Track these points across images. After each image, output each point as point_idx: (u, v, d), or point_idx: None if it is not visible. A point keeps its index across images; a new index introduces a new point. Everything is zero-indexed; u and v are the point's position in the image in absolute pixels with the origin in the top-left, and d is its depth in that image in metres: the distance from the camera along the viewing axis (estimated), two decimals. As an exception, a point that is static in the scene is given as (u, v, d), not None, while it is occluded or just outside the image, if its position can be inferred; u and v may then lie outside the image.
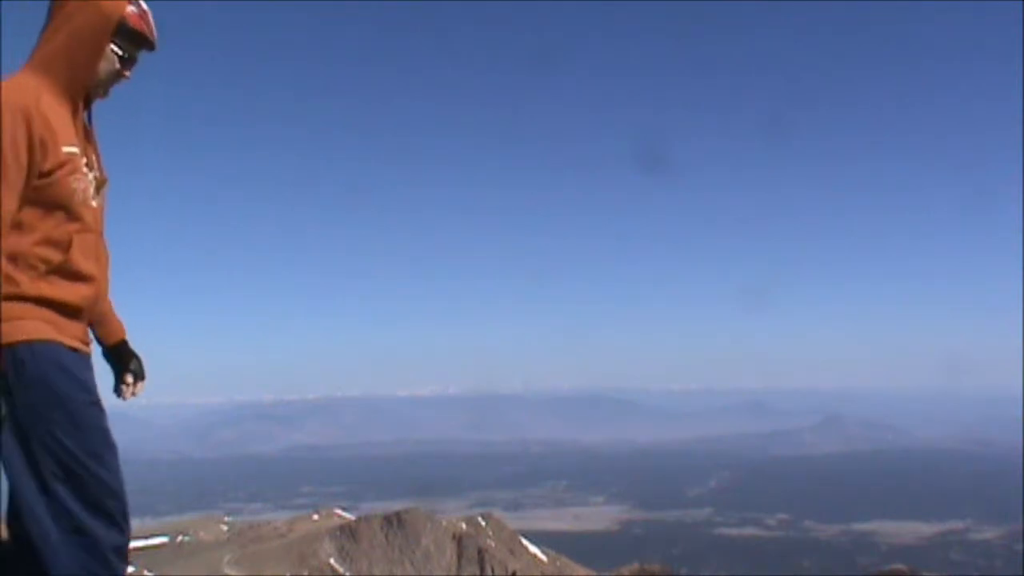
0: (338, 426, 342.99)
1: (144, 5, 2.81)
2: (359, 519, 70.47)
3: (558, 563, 67.72)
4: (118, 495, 2.81)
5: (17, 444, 2.62)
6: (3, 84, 2.64)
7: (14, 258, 2.62)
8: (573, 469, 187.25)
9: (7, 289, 2.59)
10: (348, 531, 67.00)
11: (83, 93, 2.78)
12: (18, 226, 2.63)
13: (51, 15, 2.77)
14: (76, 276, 2.76)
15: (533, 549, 70.56)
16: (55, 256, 2.69)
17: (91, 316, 2.90)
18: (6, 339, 2.58)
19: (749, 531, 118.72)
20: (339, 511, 79.85)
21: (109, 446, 2.85)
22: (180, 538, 68.09)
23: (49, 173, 2.64)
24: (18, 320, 2.61)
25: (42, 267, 2.66)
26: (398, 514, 68.76)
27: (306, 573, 59.53)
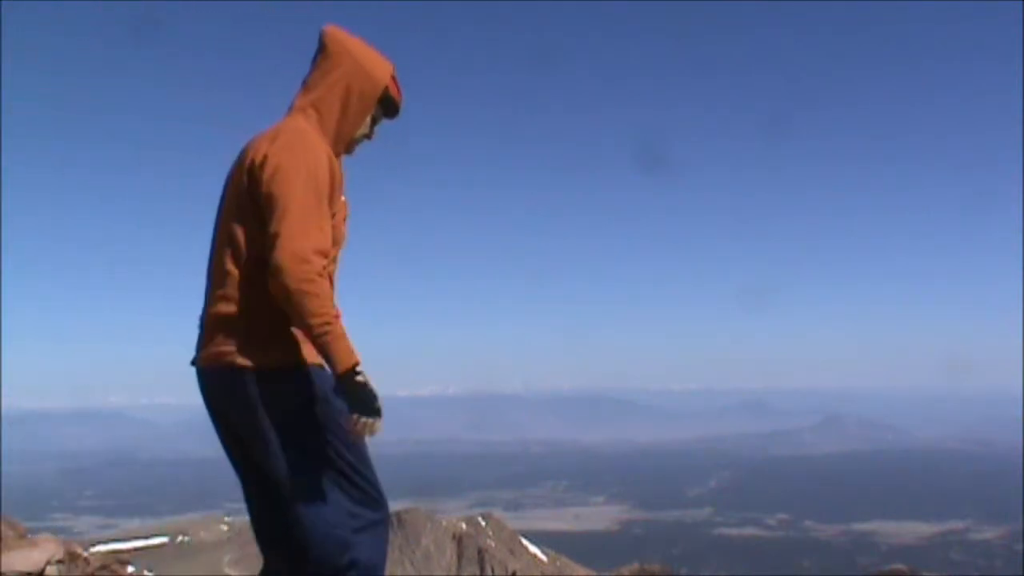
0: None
1: (398, 79, 3.03)
2: (359, 519, 70.52)
3: (558, 563, 67.71)
4: (378, 485, 3.00)
5: (300, 457, 2.82)
6: (301, 129, 2.85)
7: None
8: (573, 469, 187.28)
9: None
10: (348, 531, 67.04)
11: (342, 150, 2.97)
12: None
13: (321, 67, 2.95)
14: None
15: (533, 549, 70.55)
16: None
17: None
18: (298, 359, 2.82)
19: (749, 531, 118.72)
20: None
21: (366, 449, 3.02)
22: (180, 538, 68.08)
23: (333, 215, 2.84)
24: (304, 343, 2.80)
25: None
26: (398, 514, 68.73)
27: (306, 573, 59.54)
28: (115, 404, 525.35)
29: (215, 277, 2.88)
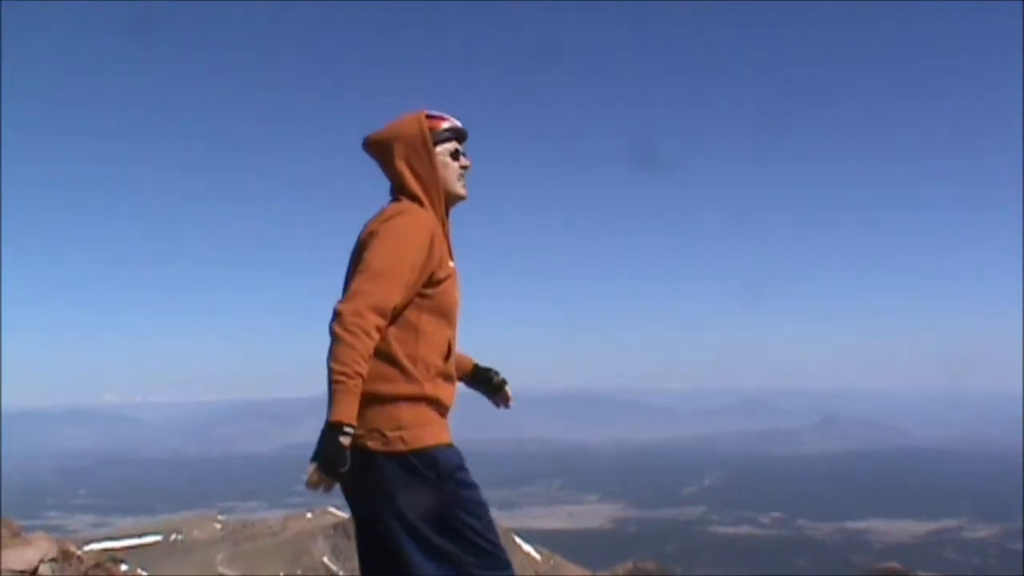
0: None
1: (435, 112, 3.17)
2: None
3: (552, 561, 67.72)
4: (502, 547, 3.10)
5: (425, 536, 2.92)
6: (403, 205, 3.05)
7: (414, 360, 2.95)
8: (567, 467, 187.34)
9: (410, 388, 2.94)
10: (342, 529, 66.93)
11: (444, 205, 3.14)
12: (417, 331, 2.97)
13: (384, 169, 3.18)
14: (450, 378, 3.12)
15: (527, 547, 70.51)
16: (439, 361, 3.04)
17: None
18: (423, 443, 2.93)
19: (743, 530, 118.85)
20: (333, 509, 79.72)
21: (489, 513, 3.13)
22: (174, 536, 68.06)
23: (441, 282, 3.02)
24: (428, 425, 2.95)
25: (432, 371, 2.99)
26: (392, 513, 68.78)
27: (299, 572, 59.54)
28: (109, 403, 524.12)
29: None
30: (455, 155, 3.16)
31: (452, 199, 3.18)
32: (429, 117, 3.14)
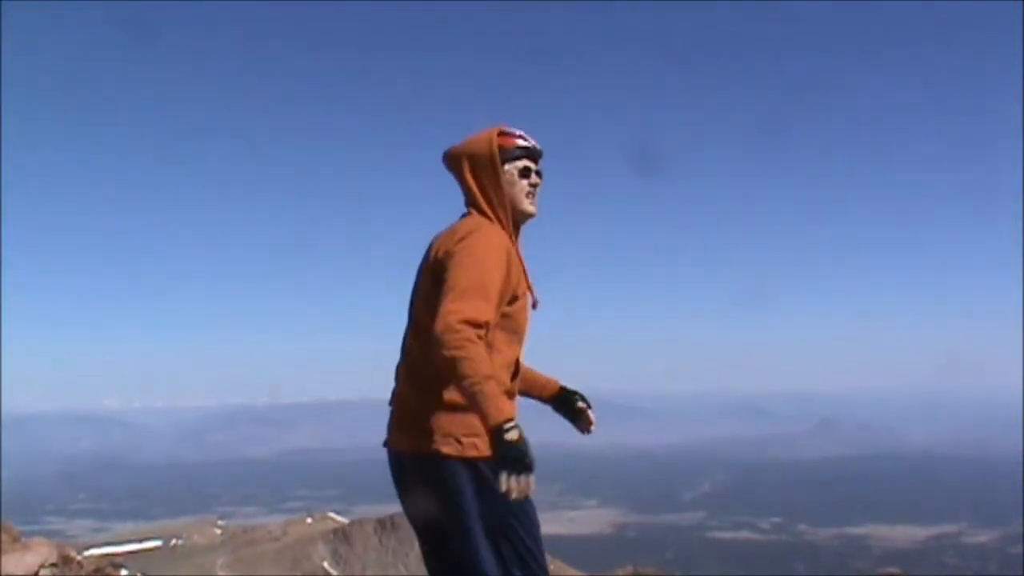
0: (332, 429, 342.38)
1: (509, 129, 3.23)
2: (353, 522, 70.41)
3: (552, 566, 67.55)
4: (547, 571, 3.15)
5: (487, 541, 3.00)
6: (476, 221, 3.12)
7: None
8: (567, 472, 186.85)
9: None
10: (342, 534, 66.96)
11: (513, 223, 3.20)
12: (491, 347, 2.97)
13: (464, 182, 3.23)
14: (513, 396, 3.17)
15: (527, 553, 70.48)
16: (507, 379, 3.11)
17: None
18: (480, 453, 2.98)
19: (743, 534, 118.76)
20: (333, 514, 79.80)
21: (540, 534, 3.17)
22: (173, 541, 68.04)
23: (517, 299, 3.09)
24: (483, 437, 2.92)
25: (501, 387, 2.91)
26: (392, 517, 68.64)
27: (300, 576, 59.53)
28: (109, 407, 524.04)
29: (409, 364, 3.17)
30: (524, 173, 3.22)
31: (521, 216, 3.23)
32: (502, 134, 3.21)
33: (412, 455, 3.11)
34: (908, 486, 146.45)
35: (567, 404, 3.55)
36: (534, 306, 3.24)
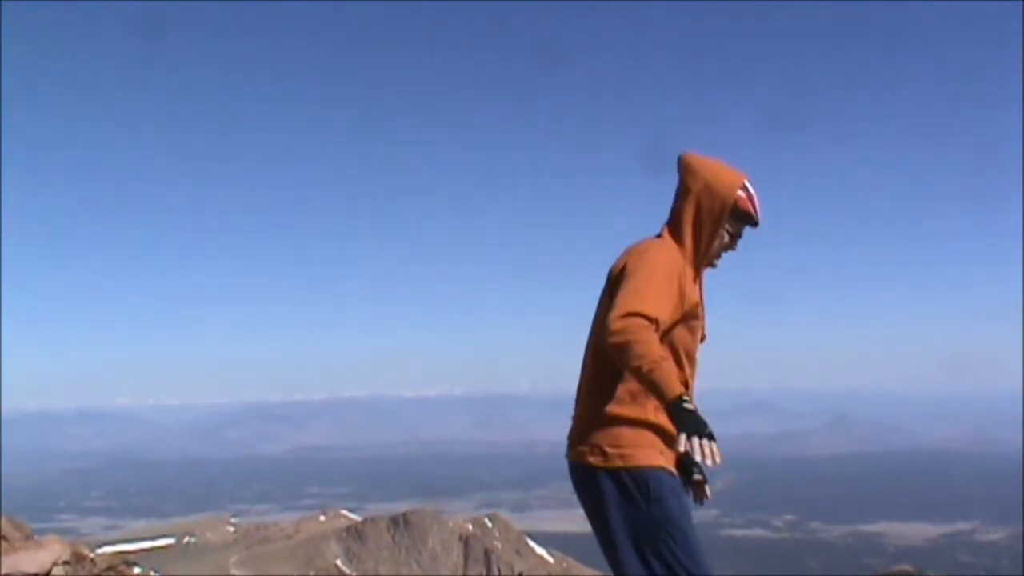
0: (344, 427, 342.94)
1: (751, 188, 3.26)
2: (365, 520, 70.57)
3: (565, 564, 67.73)
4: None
5: (634, 553, 3.04)
6: (657, 242, 3.20)
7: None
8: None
9: (636, 412, 3.07)
10: (355, 532, 67.12)
11: (702, 264, 3.25)
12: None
13: (679, 193, 3.27)
14: (688, 388, 3.17)
15: (540, 550, 70.58)
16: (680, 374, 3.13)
17: None
18: (638, 462, 3.05)
19: (756, 532, 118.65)
20: (345, 512, 79.98)
21: (703, 550, 3.13)
22: (187, 539, 68.25)
23: (684, 321, 3.12)
24: (646, 447, 3.06)
25: (674, 370, 2.98)
26: (404, 515, 68.83)
27: (312, 574, 59.64)
28: (121, 405, 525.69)
29: (584, 380, 3.26)
30: (733, 236, 3.28)
31: (705, 263, 3.27)
32: (745, 189, 3.23)
33: (573, 465, 3.21)
34: (921, 483, 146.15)
35: (683, 472, 3.46)
36: (702, 339, 3.28)
